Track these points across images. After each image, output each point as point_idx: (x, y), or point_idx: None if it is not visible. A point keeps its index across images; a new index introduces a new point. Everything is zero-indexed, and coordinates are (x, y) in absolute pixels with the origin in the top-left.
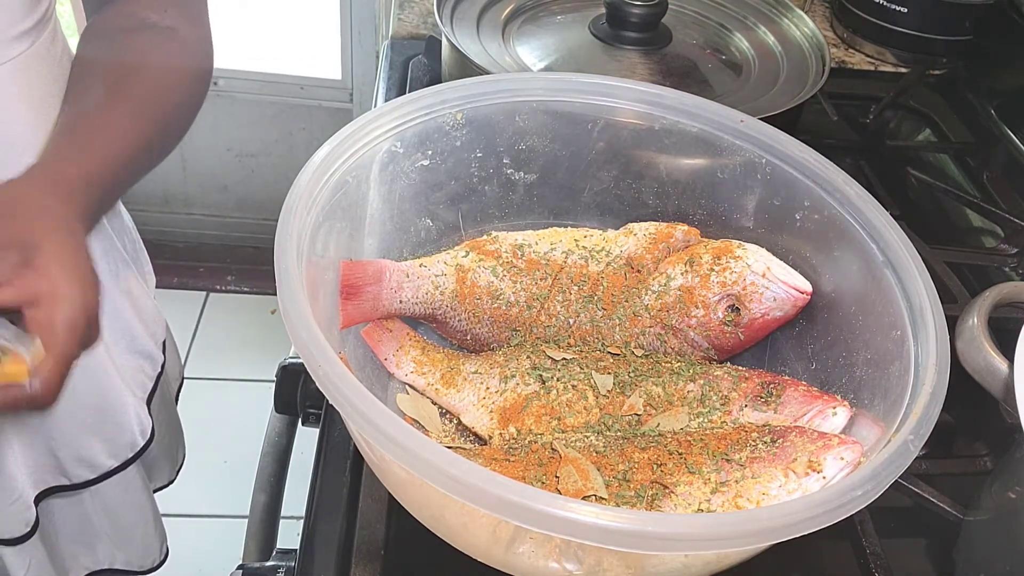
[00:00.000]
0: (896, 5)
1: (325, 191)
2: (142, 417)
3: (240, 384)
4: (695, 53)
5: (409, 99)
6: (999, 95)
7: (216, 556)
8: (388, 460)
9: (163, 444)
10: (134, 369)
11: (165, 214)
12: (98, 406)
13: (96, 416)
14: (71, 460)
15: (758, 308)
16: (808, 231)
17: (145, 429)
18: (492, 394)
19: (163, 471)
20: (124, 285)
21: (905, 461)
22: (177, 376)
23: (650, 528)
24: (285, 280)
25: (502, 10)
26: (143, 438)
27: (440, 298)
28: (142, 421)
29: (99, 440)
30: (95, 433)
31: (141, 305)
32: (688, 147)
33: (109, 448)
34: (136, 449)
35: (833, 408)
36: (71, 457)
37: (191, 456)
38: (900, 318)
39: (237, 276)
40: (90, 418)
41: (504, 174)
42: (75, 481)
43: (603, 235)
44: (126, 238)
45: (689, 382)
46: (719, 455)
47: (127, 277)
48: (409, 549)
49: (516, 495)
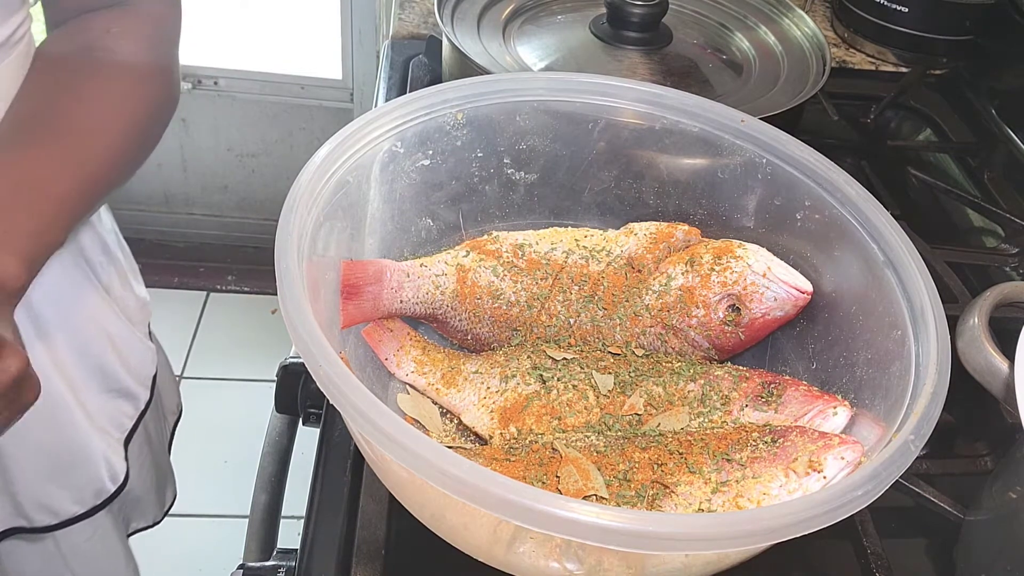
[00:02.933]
0: (897, 5)
1: (326, 191)
2: (113, 462)
3: (240, 384)
4: (696, 53)
5: (410, 99)
6: (1000, 95)
7: (217, 556)
8: (388, 460)
9: (146, 485)
10: (110, 410)
11: (166, 214)
12: (59, 453)
13: (56, 463)
14: (32, 505)
15: (759, 308)
16: (809, 231)
17: (116, 474)
18: (493, 394)
19: (147, 512)
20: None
21: (906, 461)
22: (174, 410)
23: (651, 528)
24: (286, 280)
25: (502, 10)
26: (113, 484)
27: (441, 298)
28: (113, 466)
29: (61, 487)
30: (56, 480)
31: (122, 342)
32: (689, 147)
33: (73, 495)
34: (103, 496)
35: (834, 408)
36: (32, 502)
37: (191, 456)
38: (901, 318)
39: (238, 276)
40: (50, 465)
41: (505, 174)
42: (36, 525)
43: (604, 235)
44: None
45: (690, 382)
46: (720, 455)
47: (104, 315)
48: (409, 549)
49: (517, 495)
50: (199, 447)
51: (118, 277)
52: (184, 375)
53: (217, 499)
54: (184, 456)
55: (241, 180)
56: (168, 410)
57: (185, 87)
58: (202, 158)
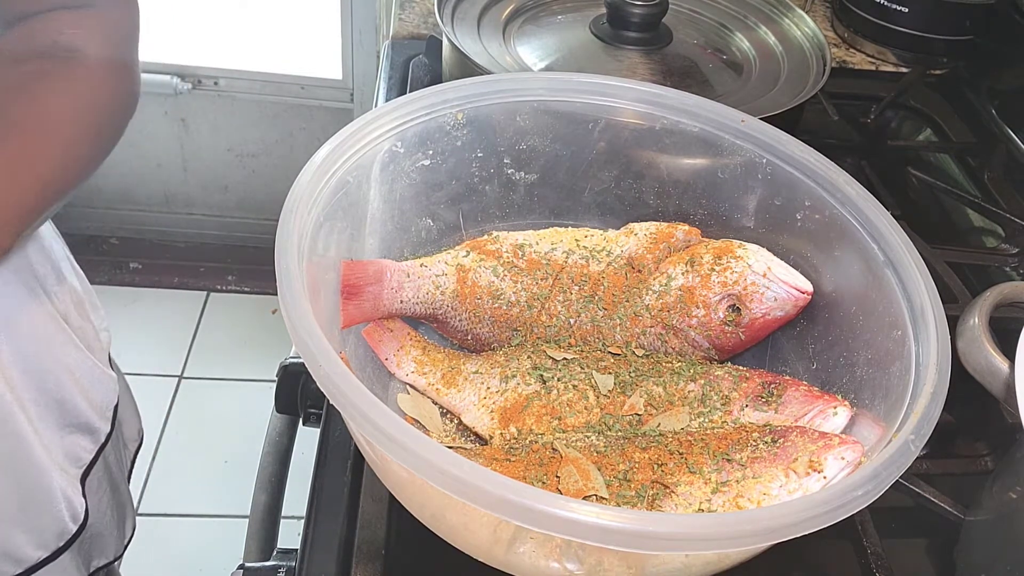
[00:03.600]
0: (897, 5)
1: (326, 191)
2: (73, 500)
3: (240, 384)
4: (696, 53)
5: (410, 99)
6: (1000, 95)
7: (217, 556)
8: (388, 460)
9: (106, 520)
10: (67, 444)
11: (166, 214)
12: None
13: (17, 505)
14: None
15: (759, 308)
16: (809, 231)
17: (77, 514)
18: (493, 394)
19: (107, 548)
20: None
21: (906, 461)
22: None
23: (651, 528)
24: (286, 280)
25: (503, 10)
26: (74, 523)
27: (441, 298)
28: (73, 505)
29: (23, 531)
30: (18, 524)
31: (81, 374)
32: (689, 147)
33: (35, 539)
34: (66, 538)
35: (834, 408)
36: None
37: (192, 456)
38: (901, 318)
39: (238, 276)
40: (10, 508)
41: (505, 174)
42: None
43: (604, 235)
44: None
45: (690, 382)
46: (720, 455)
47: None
48: (409, 549)
49: (517, 495)
50: (199, 447)
51: (74, 306)
52: (184, 375)
53: (217, 499)
54: (184, 456)
55: (241, 180)
56: (129, 438)
57: (185, 87)
58: (202, 158)
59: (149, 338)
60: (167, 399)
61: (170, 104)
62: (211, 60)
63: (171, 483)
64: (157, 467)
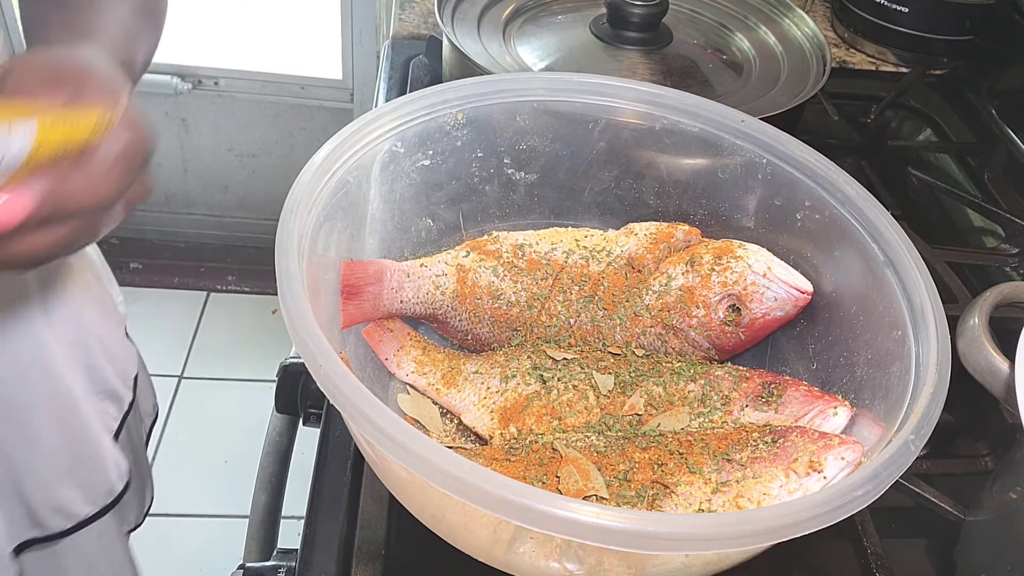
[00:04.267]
0: (897, 5)
1: (326, 191)
2: (119, 460)
3: (240, 384)
4: (696, 53)
5: (410, 99)
6: (1000, 95)
7: (217, 556)
8: (388, 460)
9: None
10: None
11: (166, 214)
12: (71, 451)
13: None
14: (46, 510)
15: (759, 308)
16: (809, 231)
17: (123, 472)
18: (493, 394)
19: (131, 514)
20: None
21: (906, 461)
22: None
23: (651, 528)
24: (286, 280)
25: (503, 10)
26: (121, 482)
27: (441, 298)
28: (119, 464)
29: (74, 487)
30: (69, 481)
31: (108, 342)
32: (689, 147)
33: (86, 495)
34: (114, 495)
35: (834, 408)
36: (46, 507)
37: (192, 456)
38: (901, 318)
39: (238, 276)
40: (63, 465)
41: (505, 174)
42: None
43: (604, 235)
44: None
45: (690, 382)
46: (720, 455)
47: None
48: (409, 549)
49: (517, 495)
50: (200, 447)
51: (94, 277)
52: (184, 375)
53: (217, 499)
54: (185, 456)
55: (241, 180)
56: (145, 412)
57: (185, 87)
58: (202, 158)
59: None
60: (167, 399)
61: (170, 104)
62: (211, 60)
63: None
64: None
